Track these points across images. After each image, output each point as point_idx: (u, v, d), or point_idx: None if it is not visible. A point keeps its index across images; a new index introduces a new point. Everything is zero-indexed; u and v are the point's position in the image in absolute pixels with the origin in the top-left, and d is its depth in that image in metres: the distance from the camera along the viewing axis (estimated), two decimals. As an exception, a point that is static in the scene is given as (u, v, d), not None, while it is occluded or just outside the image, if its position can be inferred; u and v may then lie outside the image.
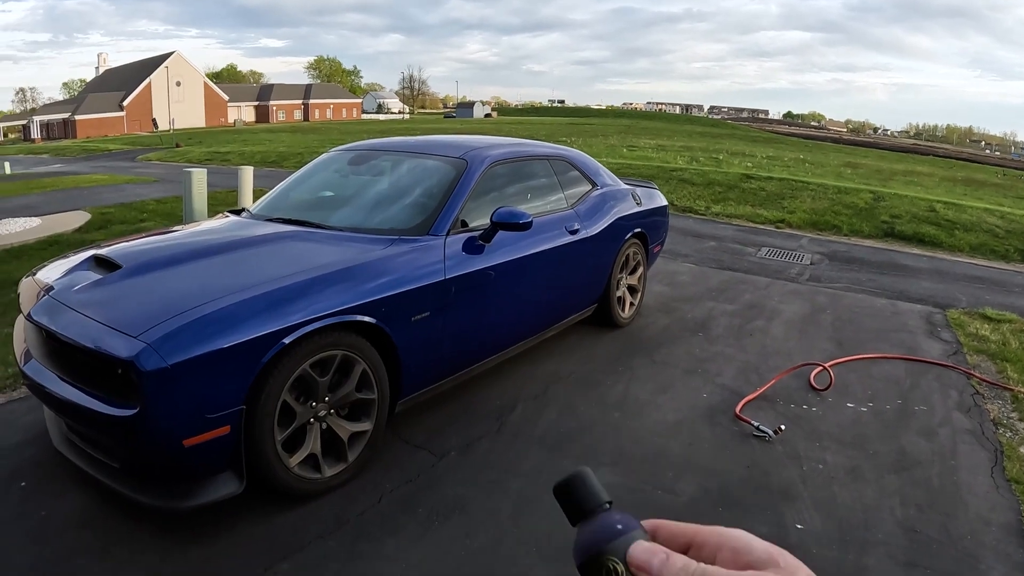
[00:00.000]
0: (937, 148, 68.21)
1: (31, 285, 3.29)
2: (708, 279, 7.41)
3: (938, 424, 4.00)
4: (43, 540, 2.72)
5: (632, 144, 28.58)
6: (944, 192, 18.42)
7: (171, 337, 2.54)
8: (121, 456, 2.73)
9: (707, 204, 12.56)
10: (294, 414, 2.93)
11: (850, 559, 2.71)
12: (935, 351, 5.32)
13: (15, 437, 3.53)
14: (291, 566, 2.61)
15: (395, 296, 3.26)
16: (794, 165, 22.90)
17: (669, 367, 4.80)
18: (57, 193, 13.69)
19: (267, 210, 4.31)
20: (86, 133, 59.53)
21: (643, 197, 5.87)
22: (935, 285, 7.68)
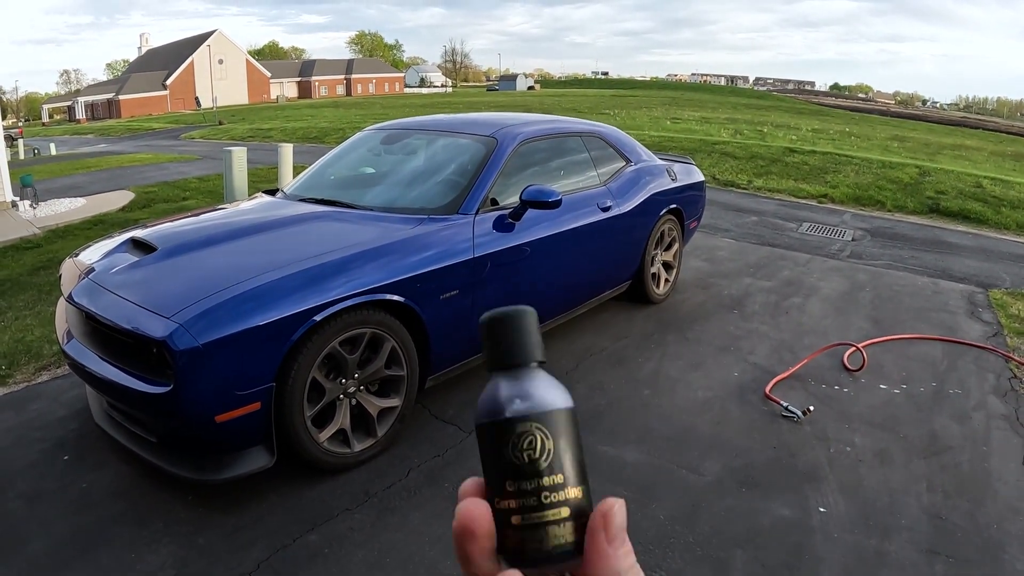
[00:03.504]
0: (987, 122, 65.93)
1: (72, 267, 3.41)
2: (747, 255, 7.33)
3: (972, 408, 3.93)
4: (84, 510, 2.85)
5: (676, 116, 28.18)
6: (993, 167, 17.85)
7: (203, 317, 2.62)
8: (157, 431, 2.84)
9: (749, 178, 12.38)
10: (323, 390, 3.01)
11: (871, 544, 2.70)
12: (975, 332, 5.20)
13: (59, 412, 3.69)
14: (319, 537, 2.69)
15: (424, 275, 3.31)
16: (840, 138, 22.38)
17: (702, 344, 4.79)
18: (101, 173, 14.04)
19: (300, 190, 4.38)
20: (130, 113, 60.66)
21: (679, 173, 5.81)
22: (979, 264, 7.49)
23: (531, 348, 0.49)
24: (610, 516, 0.44)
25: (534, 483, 0.45)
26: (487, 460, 0.47)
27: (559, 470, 0.45)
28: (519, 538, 0.45)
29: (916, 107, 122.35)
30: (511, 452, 0.45)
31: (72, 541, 2.67)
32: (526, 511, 0.45)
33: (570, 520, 0.45)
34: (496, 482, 0.46)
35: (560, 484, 0.45)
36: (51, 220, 8.68)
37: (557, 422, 0.46)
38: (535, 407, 0.46)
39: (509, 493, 0.45)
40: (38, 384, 4.06)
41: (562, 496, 0.45)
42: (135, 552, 2.60)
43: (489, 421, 0.47)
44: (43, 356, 4.39)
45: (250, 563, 2.56)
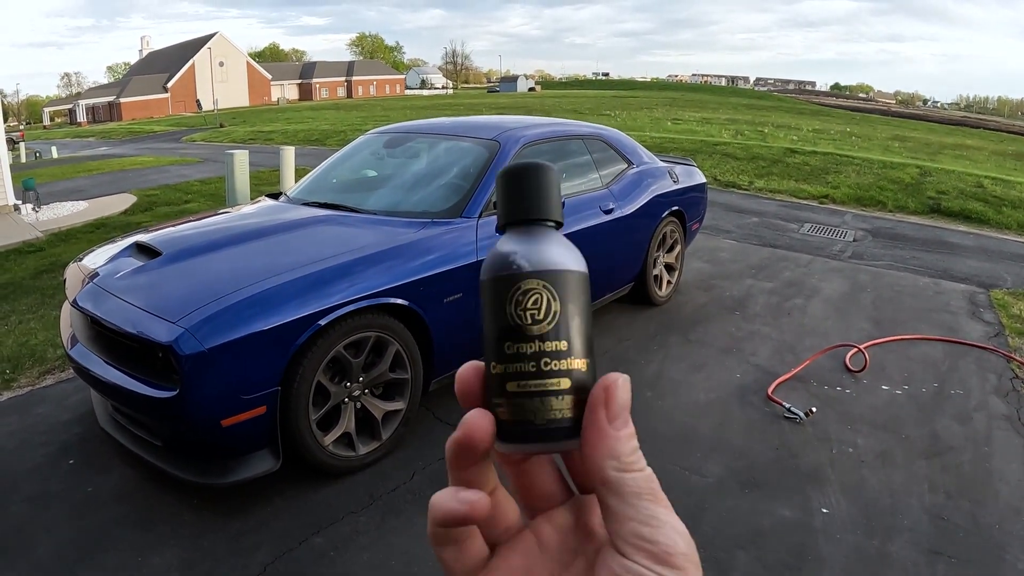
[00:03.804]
0: (988, 121, 65.96)
1: (76, 272, 3.43)
2: (749, 256, 7.34)
3: (974, 409, 3.94)
4: (89, 513, 2.87)
5: (677, 117, 28.20)
6: (994, 167, 17.85)
7: (208, 322, 2.64)
8: (163, 435, 2.85)
9: (750, 179, 12.39)
10: (328, 394, 3.02)
11: (874, 545, 2.71)
12: (976, 333, 5.21)
13: (64, 416, 3.71)
14: (324, 540, 2.71)
15: (427, 278, 3.32)
16: (841, 138, 22.38)
17: (704, 346, 4.80)
18: (103, 176, 14.07)
19: (303, 194, 4.40)
20: (131, 115, 60.71)
21: (681, 175, 5.82)
22: (980, 264, 7.50)
23: (547, 206, 0.46)
24: (613, 390, 0.41)
25: (535, 346, 0.42)
26: (488, 320, 0.44)
27: (564, 336, 0.42)
28: (512, 408, 0.42)
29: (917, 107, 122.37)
30: (513, 310, 0.42)
31: (77, 544, 2.68)
32: (523, 377, 0.42)
33: (570, 393, 0.42)
34: (494, 344, 0.43)
35: (563, 351, 0.42)
36: (53, 223, 8.71)
37: (567, 284, 0.43)
38: (544, 265, 0.43)
39: (506, 356, 0.42)
40: (42, 388, 4.08)
41: (564, 365, 0.42)
42: (140, 555, 2.62)
43: (493, 276, 0.44)
44: (47, 360, 4.41)
45: (255, 566, 2.57)
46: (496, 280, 0.43)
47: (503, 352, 0.42)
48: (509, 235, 0.46)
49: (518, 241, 0.44)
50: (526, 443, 0.42)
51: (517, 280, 0.42)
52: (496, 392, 0.42)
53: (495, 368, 0.42)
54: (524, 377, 0.42)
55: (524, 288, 0.42)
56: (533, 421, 0.41)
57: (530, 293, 0.42)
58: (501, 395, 0.42)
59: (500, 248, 0.45)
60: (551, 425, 0.41)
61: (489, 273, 0.44)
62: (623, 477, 0.39)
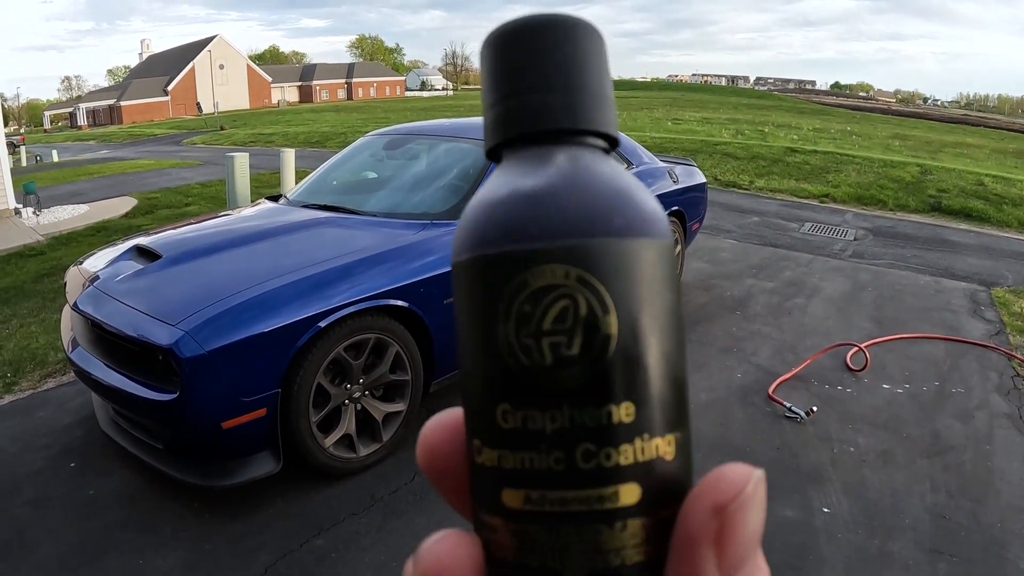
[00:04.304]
0: (988, 119, 65.97)
1: (76, 275, 3.43)
2: (749, 255, 7.34)
3: (975, 407, 3.93)
4: (91, 516, 2.87)
5: (677, 117, 28.22)
6: (994, 165, 17.85)
7: (208, 324, 2.64)
8: (164, 437, 2.86)
9: (751, 178, 12.39)
10: (329, 396, 3.03)
11: (875, 544, 2.71)
12: (977, 331, 5.21)
13: (65, 419, 3.71)
14: (325, 541, 2.71)
15: (427, 280, 3.32)
16: (841, 137, 22.39)
17: (705, 346, 4.79)
18: (104, 179, 14.09)
19: (303, 196, 4.40)
20: (131, 118, 60.84)
21: (681, 175, 5.82)
22: (981, 262, 7.49)
23: (594, 102, 0.25)
24: (734, 515, 0.22)
25: (563, 417, 0.22)
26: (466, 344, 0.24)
27: (627, 391, 0.22)
28: (516, 541, 0.23)
29: (917, 105, 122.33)
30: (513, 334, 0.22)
31: (79, 547, 2.68)
32: (540, 482, 0.22)
33: (639, 514, 0.22)
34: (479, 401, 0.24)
35: (627, 426, 0.22)
36: (54, 227, 8.71)
37: (629, 269, 0.22)
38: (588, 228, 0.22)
39: (503, 434, 0.23)
40: (44, 391, 4.08)
41: (629, 455, 0.22)
42: (142, 558, 2.62)
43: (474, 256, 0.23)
44: (48, 363, 4.41)
45: (257, 568, 2.57)
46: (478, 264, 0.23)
47: (494, 424, 0.23)
48: (511, 166, 0.25)
49: (532, 175, 0.24)
50: None
51: (523, 266, 0.22)
52: (484, 503, 0.24)
53: (480, 454, 0.24)
54: (537, 482, 0.22)
55: (536, 285, 0.22)
56: (561, 572, 0.22)
57: (551, 297, 0.22)
58: (495, 510, 0.23)
59: (492, 193, 0.25)
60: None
61: (467, 249, 0.24)
62: None
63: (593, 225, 0.22)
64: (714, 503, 0.22)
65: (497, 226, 0.23)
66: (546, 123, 0.24)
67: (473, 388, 0.23)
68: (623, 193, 0.23)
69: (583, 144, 0.24)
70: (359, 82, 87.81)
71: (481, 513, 0.24)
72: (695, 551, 0.22)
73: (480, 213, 0.24)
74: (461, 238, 0.24)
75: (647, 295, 0.22)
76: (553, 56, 0.24)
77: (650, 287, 0.22)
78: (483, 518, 0.24)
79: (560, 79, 0.24)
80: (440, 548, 0.23)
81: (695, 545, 0.22)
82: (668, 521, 0.22)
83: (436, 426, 0.27)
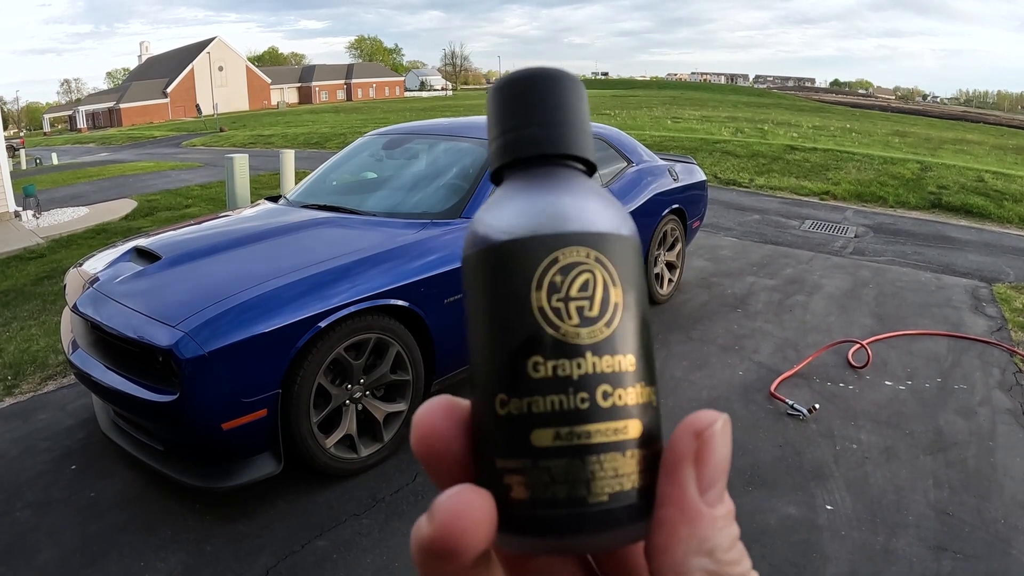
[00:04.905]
0: (988, 115, 66.02)
1: (76, 277, 3.43)
2: (750, 253, 7.33)
3: (978, 403, 3.92)
4: (92, 519, 2.86)
5: (677, 116, 28.22)
6: (994, 161, 17.85)
7: (208, 325, 2.63)
8: (164, 439, 2.85)
9: (751, 176, 12.38)
10: (330, 396, 3.02)
11: (879, 541, 2.70)
12: (979, 327, 5.20)
13: (66, 422, 3.70)
14: (327, 543, 2.70)
15: (427, 279, 3.31)
16: (840, 135, 22.40)
17: (706, 344, 4.79)
18: (104, 182, 14.09)
19: (303, 196, 4.39)
20: (131, 121, 60.87)
21: (681, 173, 5.81)
22: (982, 258, 7.48)
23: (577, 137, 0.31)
24: (709, 440, 0.27)
25: (587, 365, 0.26)
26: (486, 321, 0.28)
27: (630, 347, 0.27)
28: (543, 477, 0.26)
29: (916, 102, 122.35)
30: (547, 301, 0.26)
31: (81, 550, 2.67)
32: (567, 419, 0.26)
33: (639, 446, 0.27)
34: (507, 363, 0.27)
35: (630, 374, 0.27)
36: (54, 230, 8.71)
37: (626, 257, 0.28)
38: (593, 225, 0.28)
39: (533, 383, 0.26)
40: (44, 394, 4.07)
41: (632, 397, 0.27)
42: (143, 560, 2.61)
43: (503, 241, 0.28)
44: (49, 366, 4.40)
45: (258, 569, 2.56)
46: (508, 248, 0.27)
47: (524, 376, 0.26)
48: (516, 183, 0.30)
49: (537, 190, 0.29)
50: (566, 536, 0.26)
51: (552, 247, 0.27)
52: (508, 449, 0.27)
53: (506, 406, 0.27)
54: (567, 420, 0.26)
55: (565, 261, 0.27)
56: (585, 498, 0.26)
57: (576, 270, 0.27)
58: (520, 454, 0.26)
59: (506, 201, 0.29)
60: (613, 503, 0.26)
61: (490, 237, 0.28)
62: None
63: (603, 222, 0.28)
64: (694, 429, 0.27)
65: (528, 217, 0.27)
66: (537, 150, 0.30)
67: (500, 348, 0.27)
68: (614, 202, 0.30)
69: (567, 166, 0.30)
70: (358, 83, 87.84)
71: (503, 461, 0.27)
72: (679, 468, 0.26)
73: (502, 211, 0.29)
74: (488, 227, 0.28)
75: (635, 276, 0.28)
76: (542, 100, 0.30)
77: (636, 271, 0.29)
78: (505, 465, 0.27)
79: (547, 117, 0.30)
80: (457, 501, 0.25)
81: (679, 463, 0.26)
82: (656, 455, 0.28)
83: (429, 409, 0.29)
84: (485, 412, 0.27)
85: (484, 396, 0.27)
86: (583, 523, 0.26)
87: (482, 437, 0.28)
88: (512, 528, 0.26)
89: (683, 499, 0.26)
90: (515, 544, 0.27)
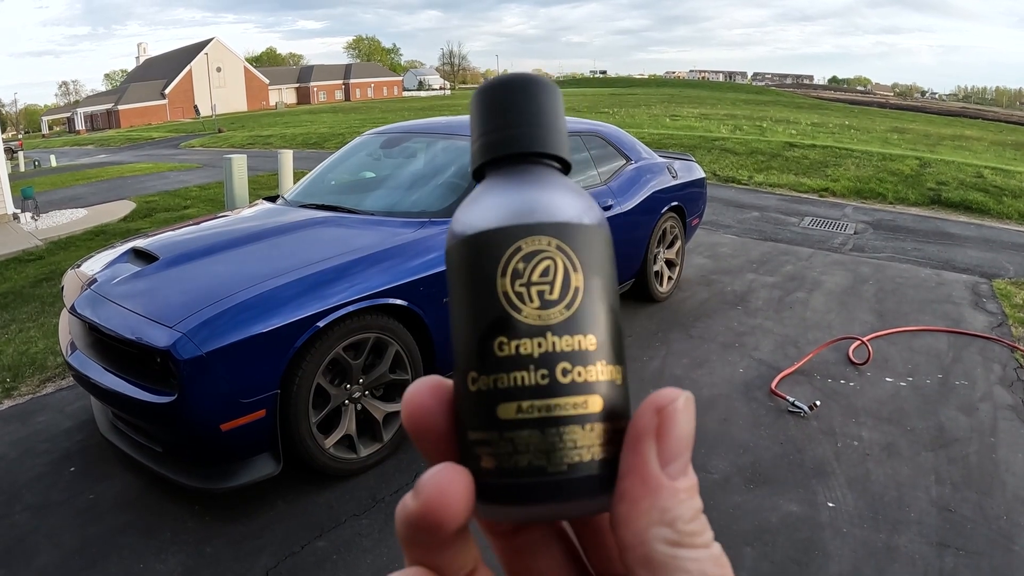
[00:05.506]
0: (986, 111, 66.01)
1: (74, 279, 3.42)
2: (749, 250, 7.32)
3: (979, 399, 3.91)
4: (91, 521, 2.85)
5: (675, 113, 28.20)
6: (993, 157, 17.83)
7: (206, 326, 2.62)
8: (163, 441, 2.84)
9: (750, 174, 12.36)
10: (329, 396, 3.01)
11: (881, 538, 2.69)
12: (979, 323, 5.19)
13: (64, 424, 3.69)
14: (327, 543, 2.69)
15: (426, 278, 3.30)
16: (839, 132, 22.37)
17: (706, 341, 4.78)
18: (102, 183, 14.08)
19: (301, 196, 4.38)
20: (129, 122, 60.82)
21: (680, 170, 5.80)
22: (982, 254, 7.47)
23: (552, 136, 0.32)
24: (670, 415, 0.28)
25: (545, 344, 0.28)
26: (461, 306, 0.30)
27: (589, 328, 0.29)
28: (506, 448, 0.28)
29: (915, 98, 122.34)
30: (509, 286, 0.28)
31: (80, 552, 2.66)
32: (526, 394, 0.28)
33: (601, 420, 0.28)
34: (475, 344, 0.29)
35: (590, 353, 0.29)
36: (53, 232, 8.70)
37: (591, 246, 0.30)
38: (556, 216, 0.30)
39: (496, 361, 0.28)
40: (43, 396, 4.06)
41: (593, 374, 0.29)
42: (143, 562, 2.60)
43: (472, 234, 0.30)
44: (47, 368, 4.39)
45: (258, 571, 2.55)
46: (478, 240, 0.29)
47: (491, 355, 0.28)
48: (494, 179, 0.32)
49: (510, 185, 0.31)
50: (530, 504, 0.28)
51: (515, 237, 0.29)
52: (478, 422, 0.29)
53: (476, 383, 0.29)
54: (528, 395, 0.28)
55: (527, 250, 0.29)
56: (544, 468, 0.28)
57: (537, 257, 0.29)
58: (487, 426, 0.28)
59: (481, 197, 0.31)
60: (573, 473, 0.28)
61: (463, 231, 0.30)
62: (679, 556, 0.26)
63: (566, 212, 0.30)
64: (656, 405, 0.28)
65: (497, 211, 0.30)
66: (515, 148, 0.32)
67: (471, 330, 0.29)
68: (581, 195, 0.31)
69: (542, 164, 0.32)
70: (356, 83, 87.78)
71: (474, 433, 0.29)
72: (641, 443, 0.27)
73: (477, 207, 0.31)
74: (462, 223, 0.31)
75: (599, 263, 0.30)
76: (519, 104, 0.32)
77: (600, 258, 0.30)
78: (476, 437, 0.29)
79: (524, 119, 0.32)
80: (439, 478, 0.27)
81: (641, 438, 0.27)
82: (620, 431, 0.29)
83: (417, 389, 0.30)
84: (460, 389, 0.30)
85: (460, 374, 0.30)
86: (545, 491, 0.28)
87: (458, 412, 0.30)
88: (484, 497, 0.28)
89: (644, 471, 0.27)
90: (488, 513, 0.29)
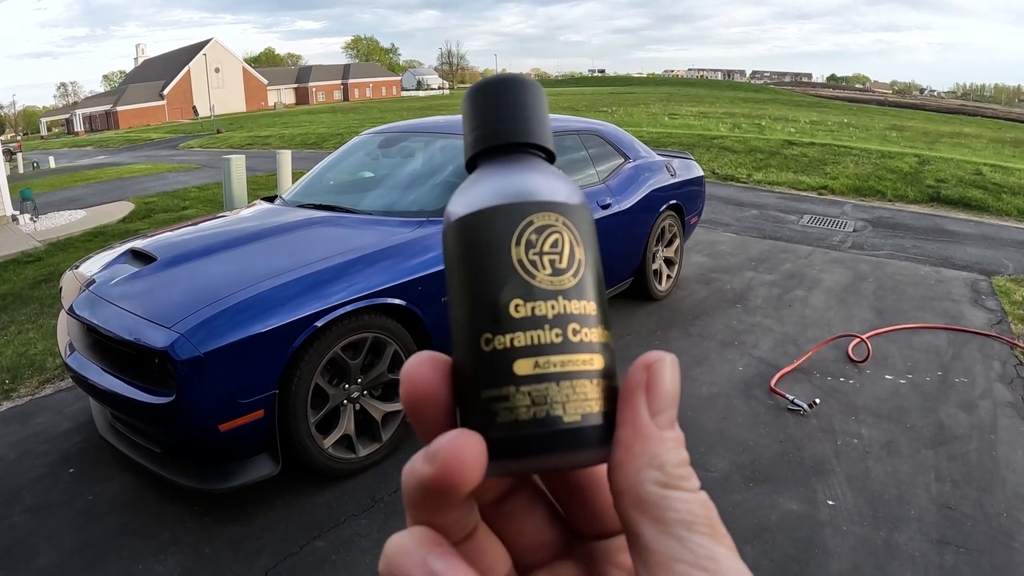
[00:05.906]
0: (985, 109, 65.93)
1: (72, 280, 3.41)
2: (748, 248, 7.32)
3: (979, 396, 3.91)
4: (90, 522, 2.85)
5: (674, 112, 28.19)
6: (992, 154, 17.84)
7: (203, 326, 2.62)
8: (161, 441, 2.84)
9: (749, 172, 12.36)
10: (327, 396, 3.00)
11: (881, 536, 2.68)
12: (979, 320, 5.18)
13: (64, 425, 3.69)
14: (326, 544, 2.69)
15: (424, 278, 3.30)
16: (838, 129, 22.38)
17: (705, 339, 4.77)
18: (101, 184, 14.08)
19: (299, 196, 4.37)
20: (128, 123, 60.84)
21: (678, 168, 5.79)
22: (981, 251, 7.47)
23: (539, 129, 0.36)
24: (658, 371, 0.31)
25: (558, 306, 0.31)
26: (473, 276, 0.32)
27: (591, 296, 0.32)
28: (524, 401, 0.30)
29: (914, 96, 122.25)
30: (524, 254, 0.31)
31: (79, 553, 2.66)
32: (544, 350, 0.30)
33: (602, 376, 0.31)
34: (491, 307, 0.31)
35: (592, 317, 0.32)
36: (51, 233, 8.69)
37: (584, 222, 0.33)
38: (555, 196, 0.33)
39: (515, 321, 0.31)
40: (42, 397, 4.06)
41: (596, 336, 0.32)
42: (142, 563, 2.60)
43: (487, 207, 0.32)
44: (46, 369, 4.39)
45: (257, 571, 2.55)
46: (490, 214, 0.32)
47: (507, 316, 0.30)
48: (488, 167, 0.35)
49: (508, 171, 0.34)
50: (544, 454, 0.30)
51: (527, 212, 0.32)
52: (495, 379, 0.30)
53: (491, 343, 0.31)
54: (544, 351, 0.30)
55: (538, 224, 0.32)
56: (561, 418, 0.30)
57: (548, 231, 0.32)
58: (505, 382, 0.30)
59: (480, 181, 0.34)
60: (584, 422, 0.30)
61: (471, 208, 0.32)
62: (668, 496, 0.29)
63: (562, 193, 0.33)
64: (645, 363, 0.31)
65: (504, 190, 0.32)
66: (507, 139, 0.35)
67: (485, 295, 0.31)
68: (568, 179, 0.35)
69: (530, 153, 0.36)
70: (355, 83, 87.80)
71: (489, 391, 0.30)
72: (633, 395, 0.30)
73: (482, 187, 0.33)
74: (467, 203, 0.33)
75: (591, 239, 0.33)
76: (507, 100, 0.36)
77: (592, 234, 0.33)
78: (492, 394, 0.30)
79: (512, 114, 0.35)
80: (455, 443, 0.28)
81: (633, 391, 0.31)
82: (615, 389, 0.32)
83: (416, 361, 0.32)
84: (470, 352, 0.31)
85: (469, 338, 0.31)
86: (561, 440, 0.30)
87: (467, 375, 0.31)
88: (499, 453, 0.30)
89: (636, 420, 0.30)
90: (500, 470, 0.30)
